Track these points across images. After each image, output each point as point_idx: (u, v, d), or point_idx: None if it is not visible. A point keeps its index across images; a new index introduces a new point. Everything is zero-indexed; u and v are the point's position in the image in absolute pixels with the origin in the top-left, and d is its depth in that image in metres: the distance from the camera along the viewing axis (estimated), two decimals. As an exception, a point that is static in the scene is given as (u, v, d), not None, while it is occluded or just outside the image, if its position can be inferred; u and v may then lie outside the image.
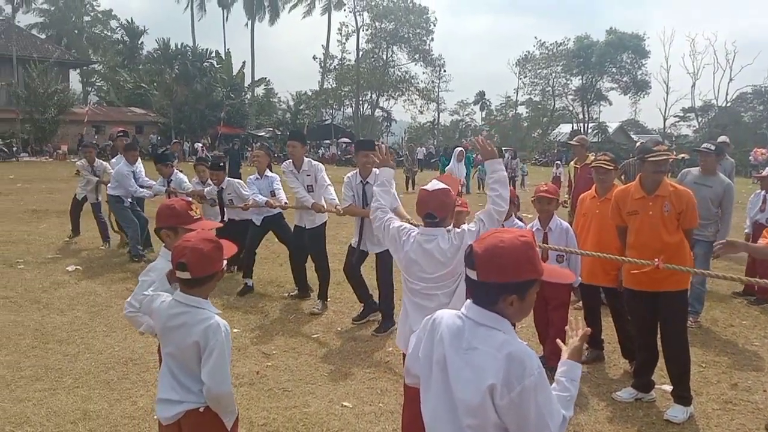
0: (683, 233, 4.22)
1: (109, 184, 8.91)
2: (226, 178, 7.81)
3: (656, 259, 3.96)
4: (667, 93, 61.60)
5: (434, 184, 3.16)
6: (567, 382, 1.92)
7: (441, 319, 1.96)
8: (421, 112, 64.16)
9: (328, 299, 6.65)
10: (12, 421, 3.89)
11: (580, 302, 6.30)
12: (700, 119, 61.81)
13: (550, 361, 4.70)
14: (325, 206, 6.43)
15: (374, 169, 5.84)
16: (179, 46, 46.07)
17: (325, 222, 6.73)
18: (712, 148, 6.23)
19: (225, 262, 2.66)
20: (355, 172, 6.00)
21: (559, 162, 23.97)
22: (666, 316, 4.24)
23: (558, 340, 2.20)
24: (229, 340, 2.48)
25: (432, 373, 1.94)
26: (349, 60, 60.35)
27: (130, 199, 8.82)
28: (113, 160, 9.63)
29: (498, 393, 1.73)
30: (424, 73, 63.26)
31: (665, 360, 4.35)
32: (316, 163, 6.76)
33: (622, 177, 7.84)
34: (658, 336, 4.34)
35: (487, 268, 1.81)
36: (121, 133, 10.79)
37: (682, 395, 4.20)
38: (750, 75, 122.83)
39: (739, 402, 4.44)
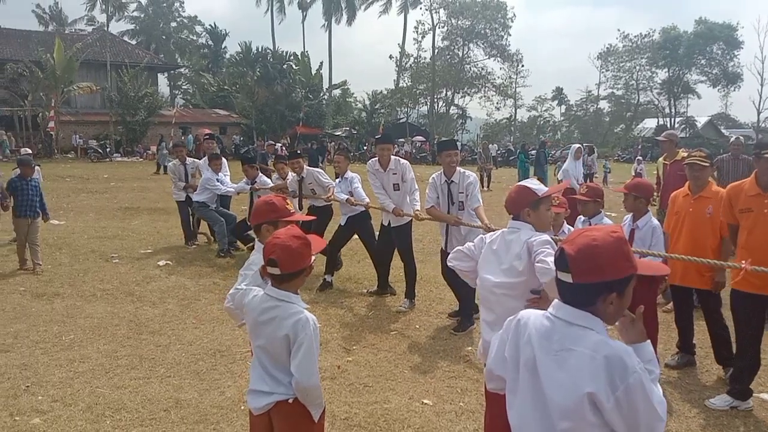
0: None
1: (195, 192, 9.32)
2: (306, 167, 8.02)
3: (743, 262, 3.77)
4: (762, 85, 57.81)
5: (533, 183, 3.15)
6: (646, 365, 1.83)
7: (527, 320, 1.92)
8: (498, 109, 63.25)
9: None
10: (111, 407, 4.13)
11: (669, 304, 6.09)
12: (798, 112, 57.70)
13: None
14: (405, 210, 6.49)
15: (458, 168, 5.85)
16: (260, 49, 47.45)
17: (411, 221, 6.79)
18: None
19: (314, 257, 2.72)
20: (439, 172, 6.02)
21: (640, 158, 23.01)
22: None
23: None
24: (317, 335, 2.55)
25: (519, 376, 1.90)
26: (425, 58, 60.30)
27: (215, 204, 9.23)
28: (201, 162, 10.02)
29: (602, 395, 1.69)
30: (501, 68, 62.42)
31: None
32: (405, 161, 6.82)
33: (715, 174, 7.45)
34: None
35: (584, 269, 1.77)
36: (208, 136, 11.19)
37: None
38: None
39: None
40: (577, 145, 10.86)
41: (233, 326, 5.68)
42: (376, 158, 6.71)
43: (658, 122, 56.94)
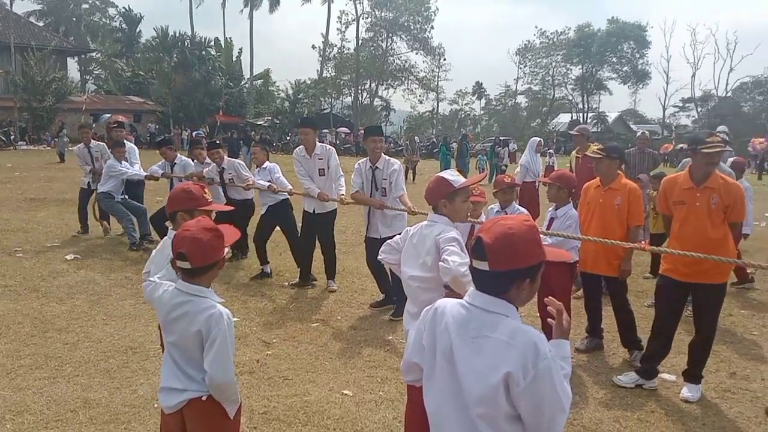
0: (729, 226, 4.21)
1: (99, 183, 8.87)
2: (226, 158, 7.84)
3: (642, 242, 3.99)
4: (667, 83, 61.64)
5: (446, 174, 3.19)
6: (560, 360, 1.90)
7: (444, 308, 1.95)
8: (421, 102, 64.10)
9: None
10: (12, 410, 3.89)
11: (580, 291, 6.38)
12: (699, 109, 61.73)
13: None
14: (330, 195, 6.52)
15: (384, 155, 5.94)
16: (178, 34, 45.79)
17: (336, 209, 6.78)
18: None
19: (227, 249, 2.65)
20: (365, 159, 6.12)
21: (551, 151, 23.98)
22: (703, 306, 4.32)
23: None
24: (231, 329, 2.48)
25: (436, 364, 1.92)
26: (349, 49, 60.16)
27: (121, 196, 8.81)
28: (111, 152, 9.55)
29: (514, 380, 1.73)
30: (423, 62, 63.18)
31: (691, 345, 4.41)
32: (330, 147, 6.84)
33: (623, 167, 7.82)
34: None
35: (501, 257, 1.80)
36: (116, 124, 10.64)
37: (698, 375, 4.36)
38: (750, 65, 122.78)
39: (738, 390, 4.46)
40: (538, 139, 10.78)
41: (146, 322, 5.49)
42: (302, 146, 6.70)
43: (571, 117, 59.41)
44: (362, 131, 16.14)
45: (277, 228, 7.43)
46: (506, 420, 1.80)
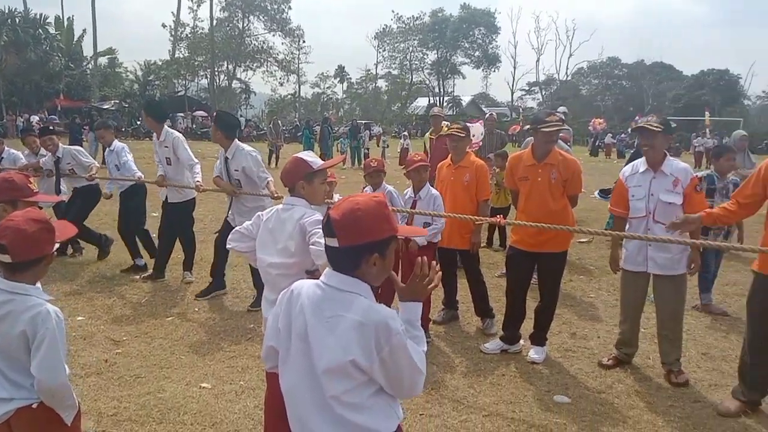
0: (568, 198, 4.52)
1: None
2: (61, 146, 7.16)
3: (499, 216, 4.24)
4: (515, 68, 65.65)
5: (303, 155, 3.10)
6: (408, 324, 1.90)
7: (300, 290, 1.93)
8: (282, 84, 63.12)
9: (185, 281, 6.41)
10: None
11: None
12: (543, 92, 66.46)
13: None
14: (181, 182, 6.23)
15: (238, 143, 5.64)
16: (8, 11, 41.23)
17: (193, 198, 6.45)
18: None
19: (57, 244, 2.42)
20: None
21: (406, 134, 24.76)
22: (546, 273, 4.63)
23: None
24: (61, 328, 2.26)
25: (291, 345, 1.90)
26: (203, 28, 57.65)
27: None
28: None
29: (366, 359, 1.75)
30: (282, 43, 62.12)
31: (536, 310, 4.72)
32: (177, 134, 6.34)
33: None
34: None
35: (348, 232, 1.81)
36: None
37: (543, 337, 4.71)
38: (587, 51, 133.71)
39: (578, 349, 4.87)
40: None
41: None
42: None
43: (429, 101, 61.46)
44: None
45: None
46: (357, 393, 1.83)
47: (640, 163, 4.32)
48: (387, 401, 1.88)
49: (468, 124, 6.50)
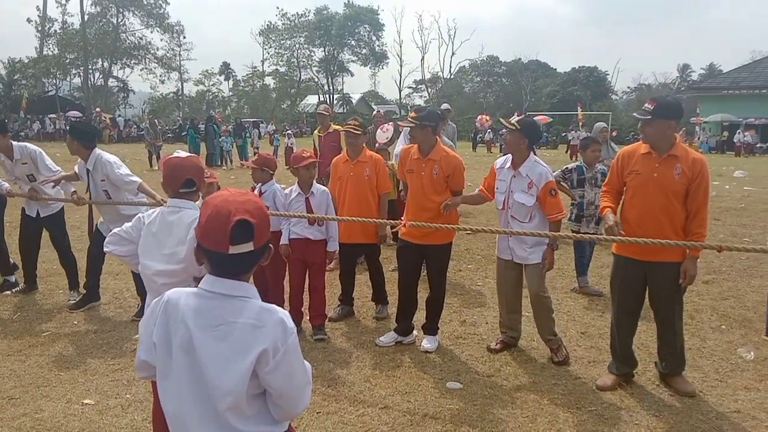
0: (452, 194, 4.63)
1: None
2: None
3: (402, 219, 4.34)
4: (401, 65, 66.92)
5: (182, 153, 2.95)
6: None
7: (177, 300, 1.80)
8: (163, 82, 60.59)
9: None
10: None
11: (332, 263, 6.69)
12: (429, 90, 68.18)
13: (317, 320, 4.99)
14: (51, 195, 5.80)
15: (98, 152, 5.29)
16: None
17: (62, 207, 6.02)
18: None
19: None
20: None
21: (290, 132, 24.62)
22: (433, 264, 4.75)
23: None
24: None
25: (173, 360, 1.77)
26: (73, 24, 54.00)
27: None
28: None
29: (266, 360, 1.70)
30: (162, 40, 59.49)
31: (427, 301, 4.82)
32: (33, 148, 5.81)
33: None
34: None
35: (262, 233, 1.76)
36: None
37: (435, 327, 4.83)
38: (468, 50, 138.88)
39: (468, 336, 5.05)
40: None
41: None
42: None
43: (319, 98, 61.25)
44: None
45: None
46: (249, 402, 1.76)
47: (508, 159, 4.54)
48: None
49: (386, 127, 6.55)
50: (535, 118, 35.68)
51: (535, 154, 4.56)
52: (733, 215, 11.25)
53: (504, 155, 4.72)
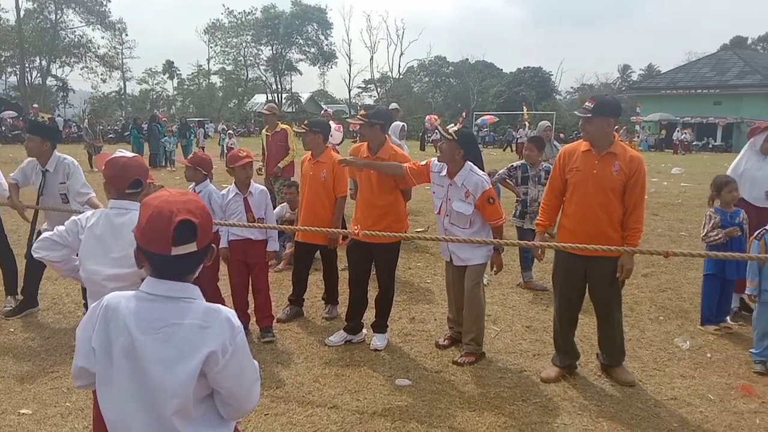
0: (401, 192, 4.67)
1: None
2: None
3: (356, 228, 4.33)
4: (350, 65, 66.99)
5: (127, 153, 2.87)
6: None
7: (117, 304, 1.75)
8: (104, 81, 58.78)
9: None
10: None
11: (281, 264, 6.67)
12: (379, 90, 68.31)
13: (263, 321, 4.94)
14: None
15: (57, 154, 5.09)
16: None
17: None
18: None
19: None
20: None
21: (231, 132, 24.29)
22: (381, 262, 4.75)
23: None
24: None
25: (114, 365, 1.72)
26: (8, 20, 51.78)
27: None
28: None
29: (215, 359, 1.67)
30: (103, 37, 57.80)
31: (376, 299, 4.83)
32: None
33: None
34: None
35: (205, 233, 1.73)
36: None
37: (384, 325, 4.84)
38: (417, 50, 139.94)
39: (416, 333, 5.10)
40: (401, 123, 10.13)
41: None
42: None
43: (267, 98, 60.52)
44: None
45: None
46: (196, 404, 1.73)
47: (444, 166, 4.44)
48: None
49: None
50: (482, 117, 36.27)
51: (474, 162, 4.44)
52: (670, 210, 11.69)
53: None
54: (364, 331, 4.93)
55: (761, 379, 4.28)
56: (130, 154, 2.88)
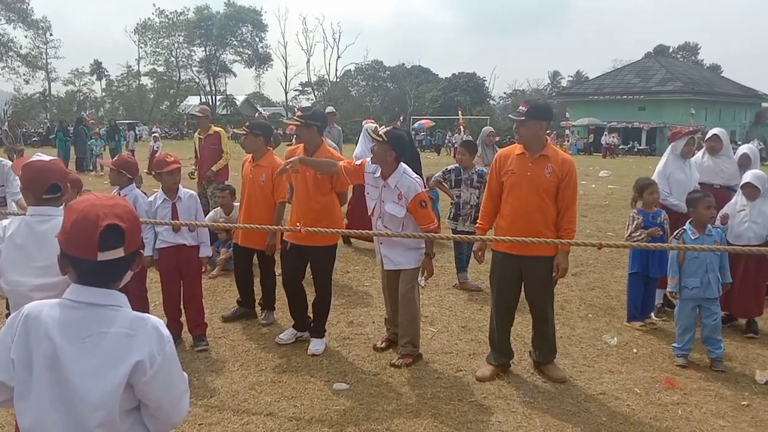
0: (337, 195, 4.67)
1: None
2: None
3: (299, 224, 4.27)
4: (287, 68, 66.17)
5: (44, 156, 2.73)
6: None
7: (39, 313, 1.67)
8: (27, 82, 56.06)
9: None
10: None
11: (215, 270, 6.57)
12: (316, 93, 67.99)
13: (196, 330, 4.83)
14: None
15: None
16: None
17: None
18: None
19: None
20: None
21: (157, 135, 23.63)
22: (317, 265, 4.74)
23: None
24: None
25: (34, 377, 1.63)
26: None
27: None
28: None
29: (143, 369, 1.61)
30: (26, 36, 55.08)
31: (313, 303, 4.83)
32: None
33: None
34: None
35: (133, 237, 1.67)
36: None
37: (321, 330, 4.81)
38: (354, 54, 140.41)
39: (355, 336, 5.08)
40: (372, 125, 9.65)
41: None
42: None
43: (200, 100, 59.26)
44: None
45: None
46: (122, 417, 1.66)
47: (378, 168, 4.41)
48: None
49: None
50: (419, 122, 36.70)
51: (411, 164, 4.45)
52: (598, 212, 12.14)
53: None
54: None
55: (683, 372, 4.50)
56: (47, 158, 2.75)
